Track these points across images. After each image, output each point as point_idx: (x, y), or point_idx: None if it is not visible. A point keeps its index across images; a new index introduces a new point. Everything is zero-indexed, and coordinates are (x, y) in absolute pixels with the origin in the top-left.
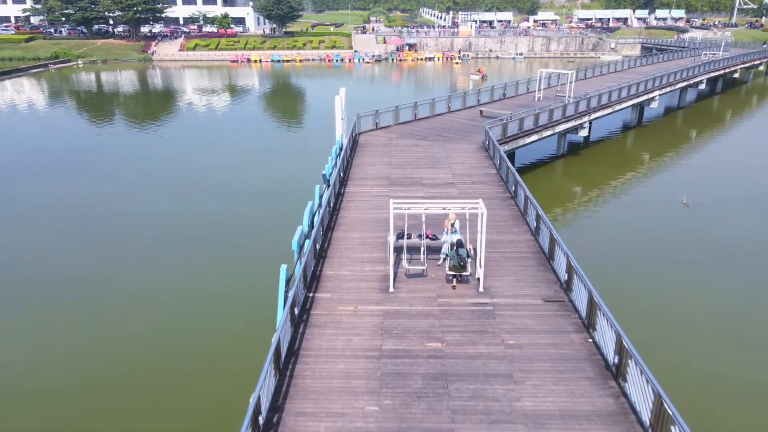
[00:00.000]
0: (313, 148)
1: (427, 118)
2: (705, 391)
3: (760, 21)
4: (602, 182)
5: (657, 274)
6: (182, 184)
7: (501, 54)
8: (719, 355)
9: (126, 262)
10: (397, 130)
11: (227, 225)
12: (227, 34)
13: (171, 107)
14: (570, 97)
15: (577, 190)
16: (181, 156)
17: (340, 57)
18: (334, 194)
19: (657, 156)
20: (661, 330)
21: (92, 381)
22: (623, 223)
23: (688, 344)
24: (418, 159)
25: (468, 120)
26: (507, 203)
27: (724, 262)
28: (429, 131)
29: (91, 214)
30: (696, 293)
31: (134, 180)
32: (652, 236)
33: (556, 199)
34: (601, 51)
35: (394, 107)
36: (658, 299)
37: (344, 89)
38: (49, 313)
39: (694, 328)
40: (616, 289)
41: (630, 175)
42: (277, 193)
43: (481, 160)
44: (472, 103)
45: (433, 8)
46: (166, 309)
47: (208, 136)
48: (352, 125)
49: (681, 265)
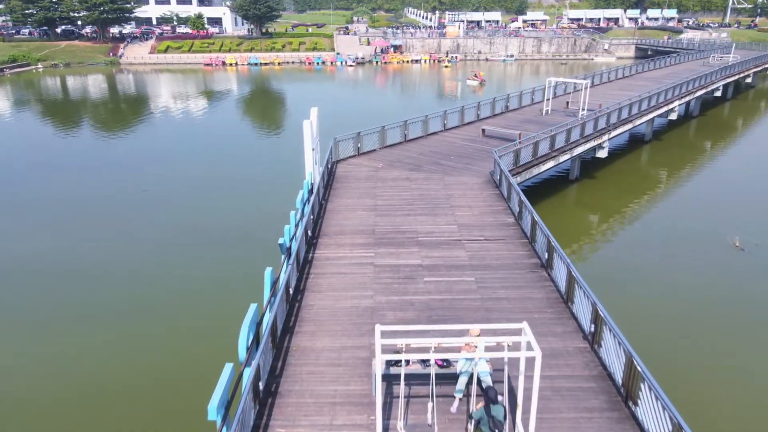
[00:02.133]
0: (280, 186)
1: (420, 139)
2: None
3: (755, 21)
4: (629, 215)
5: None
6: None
7: (491, 56)
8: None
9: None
10: (383, 157)
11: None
12: (201, 35)
13: (122, 122)
14: (583, 111)
15: (607, 230)
16: (116, 192)
17: (321, 60)
18: (297, 267)
19: (683, 177)
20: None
21: (75, 387)
22: (670, 281)
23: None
24: (411, 200)
25: (469, 141)
26: (538, 278)
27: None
28: (423, 158)
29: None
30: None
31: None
32: (709, 297)
33: (575, 234)
34: (594, 52)
35: (380, 128)
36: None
37: (316, 110)
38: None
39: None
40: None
41: (660, 205)
42: (227, 257)
43: (491, 200)
44: (471, 118)
45: (418, 8)
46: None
47: (150, 168)
48: (328, 151)
49: (755, 338)
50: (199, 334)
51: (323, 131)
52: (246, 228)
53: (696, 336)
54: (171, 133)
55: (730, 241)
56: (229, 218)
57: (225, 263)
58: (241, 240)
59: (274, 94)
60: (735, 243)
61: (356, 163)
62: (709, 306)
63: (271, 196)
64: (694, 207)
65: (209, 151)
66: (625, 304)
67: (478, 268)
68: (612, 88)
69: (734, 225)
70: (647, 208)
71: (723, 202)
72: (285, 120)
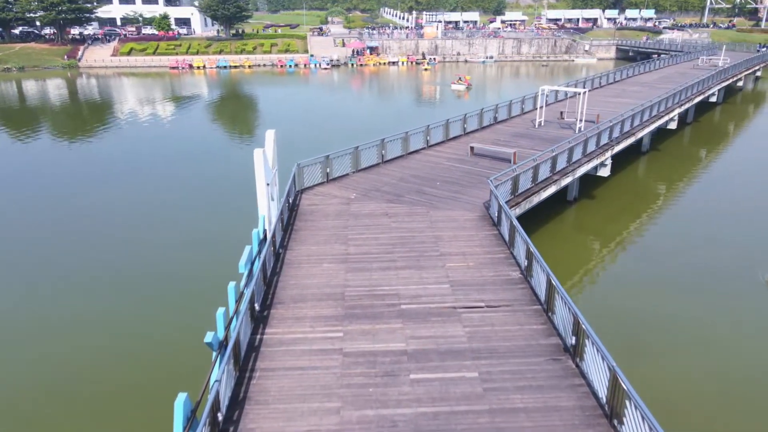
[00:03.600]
0: (236, 222)
1: (400, 159)
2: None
3: (732, 21)
4: (639, 243)
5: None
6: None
7: (470, 57)
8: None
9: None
10: (357, 183)
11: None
12: (168, 36)
13: (62, 135)
14: (580, 122)
15: (618, 265)
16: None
17: (293, 62)
18: (235, 366)
19: (689, 193)
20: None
21: None
22: (707, 340)
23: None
24: (391, 245)
25: (456, 160)
26: (563, 371)
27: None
28: (404, 184)
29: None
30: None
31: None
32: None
33: (578, 267)
34: (575, 53)
35: (353, 149)
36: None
37: (272, 133)
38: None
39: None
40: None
41: (671, 229)
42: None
43: (489, 243)
44: (457, 131)
45: (394, 8)
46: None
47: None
48: (291, 179)
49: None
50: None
51: (291, 148)
52: (185, 283)
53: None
54: (119, 149)
55: (762, 279)
56: (167, 263)
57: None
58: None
59: (242, 100)
60: (767, 280)
61: (325, 193)
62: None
63: (221, 236)
64: (710, 229)
65: (158, 171)
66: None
67: (482, 354)
68: (604, 95)
69: (758, 252)
70: (658, 233)
71: (739, 222)
72: (252, 133)
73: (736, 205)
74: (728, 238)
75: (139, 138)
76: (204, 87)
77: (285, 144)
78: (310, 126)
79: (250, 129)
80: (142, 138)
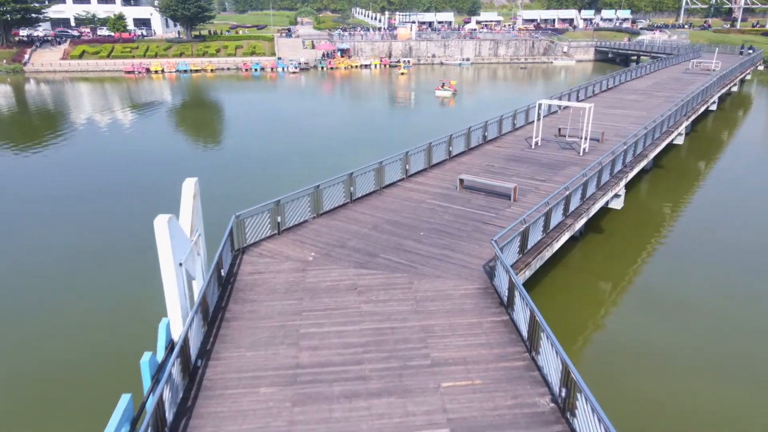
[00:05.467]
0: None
1: (372, 197)
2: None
3: (708, 21)
4: (666, 293)
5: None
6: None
7: (445, 59)
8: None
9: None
10: (318, 236)
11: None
12: (124, 38)
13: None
14: (585, 142)
15: (643, 331)
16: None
17: (259, 65)
18: None
19: (706, 220)
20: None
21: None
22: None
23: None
24: (361, 346)
25: (442, 197)
26: None
27: None
28: (378, 236)
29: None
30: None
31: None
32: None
33: (591, 329)
34: (553, 55)
35: (313, 188)
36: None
37: (193, 183)
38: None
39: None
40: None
41: (699, 271)
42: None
43: (499, 340)
44: (441, 156)
45: (366, 8)
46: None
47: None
48: (225, 238)
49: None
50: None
51: (242, 177)
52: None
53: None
54: (26, 176)
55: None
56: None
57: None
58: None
59: (198, 110)
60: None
61: (274, 252)
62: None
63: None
64: (747, 269)
65: (65, 211)
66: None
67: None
68: (601, 105)
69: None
70: (685, 279)
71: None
72: (200, 155)
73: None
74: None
75: (54, 163)
76: (159, 94)
77: (235, 173)
78: (270, 142)
79: (197, 151)
80: (58, 163)
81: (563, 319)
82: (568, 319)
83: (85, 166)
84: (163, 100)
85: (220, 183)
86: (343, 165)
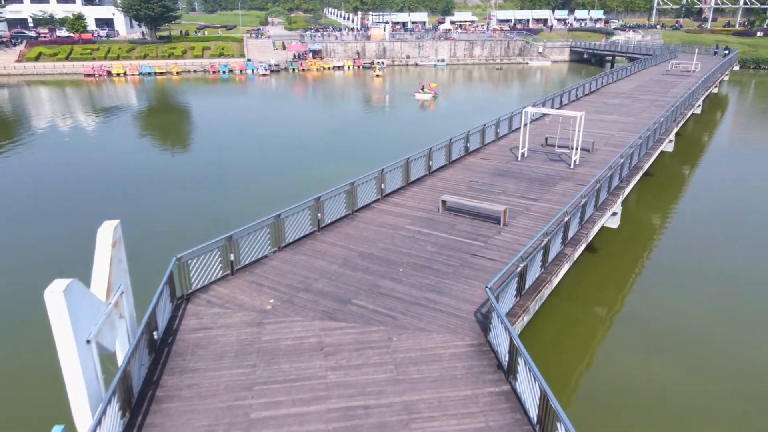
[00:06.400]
0: None
1: (343, 222)
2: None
3: (679, 21)
4: (677, 332)
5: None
6: None
7: (420, 60)
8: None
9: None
10: (279, 276)
11: None
12: (84, 39)
13: None
14: (572, 150)
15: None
16: None
17: (228, 68)
18: None
19: (709, 236)
20: None
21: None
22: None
23: None
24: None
25: (423, 223)
26: None
27: None
28: (349, 274)
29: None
30: None
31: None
32: None
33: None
34: (528, 56)
35: (273, 218)
36: None
37: (115, 225)
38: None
39: None
40: None
41: (714, 301)
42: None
43: (499, 426)
44: (420, 172)
45: (339, 8)
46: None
47: None
48: (161, 288)
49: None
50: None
51: (193, 206)
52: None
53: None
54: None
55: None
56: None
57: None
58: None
59: (157, 118)
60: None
61: (225, 299)
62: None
63: None
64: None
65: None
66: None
67: None
68: (587, 111)
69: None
70: (688, 306)
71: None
72: (153, 171)
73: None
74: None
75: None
76: (117, 99)
77: (189, 194)
78: (233, 154)
79: (151, 166)
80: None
81: (554, 359)
82: (560, 359)
83: (16, 185)
84: (121, 105)
85: (169, 209)
86: (313, 182)
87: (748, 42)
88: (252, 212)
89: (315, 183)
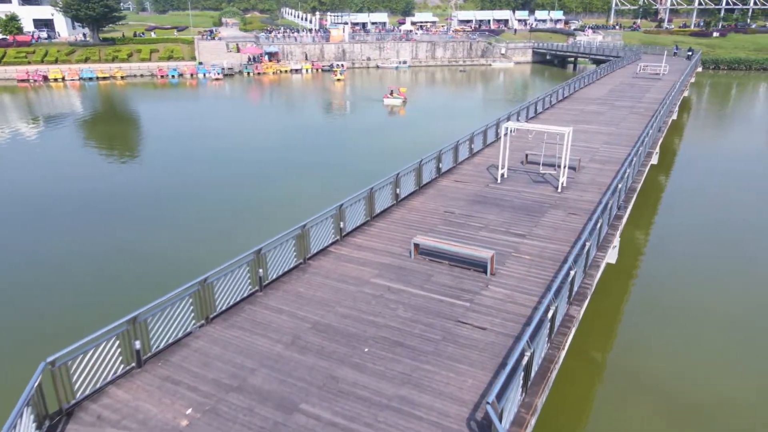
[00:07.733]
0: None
1: (293, 275)
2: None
3: (637, 23)
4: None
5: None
6: None
7: (381, 63)
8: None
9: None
10: (202, 366)
11: None
12: (19, 41)
13: None
14: (563, 172)
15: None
16: None
17: (177, 71)
18: None
19: (713, 263)
20: None
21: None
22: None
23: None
24: None
25: (392, 275)
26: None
27: None
28: (298, 359)
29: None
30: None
31: None
32: None
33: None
34: (491, 57)
35: (198, 285)
36: None
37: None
38: None
39: None
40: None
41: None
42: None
43: None
44: (386, 202)
45: (296, 8)
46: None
47: None
48: (25, 399)
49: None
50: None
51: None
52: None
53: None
54: None
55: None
56: None
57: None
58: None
59: (96, 126)
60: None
61: (125, 409)
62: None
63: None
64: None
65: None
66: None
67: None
68: (563, 120)
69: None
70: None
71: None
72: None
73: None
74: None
75: None
76: (52, 107)
77: (103, 240)
78: (167, 186)
79: (64, 201)
80: None
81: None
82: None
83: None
84: (54, 114)
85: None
86: (261, 216)
87: (705, 42)
88: (171, 270)
89: (263, 218)
